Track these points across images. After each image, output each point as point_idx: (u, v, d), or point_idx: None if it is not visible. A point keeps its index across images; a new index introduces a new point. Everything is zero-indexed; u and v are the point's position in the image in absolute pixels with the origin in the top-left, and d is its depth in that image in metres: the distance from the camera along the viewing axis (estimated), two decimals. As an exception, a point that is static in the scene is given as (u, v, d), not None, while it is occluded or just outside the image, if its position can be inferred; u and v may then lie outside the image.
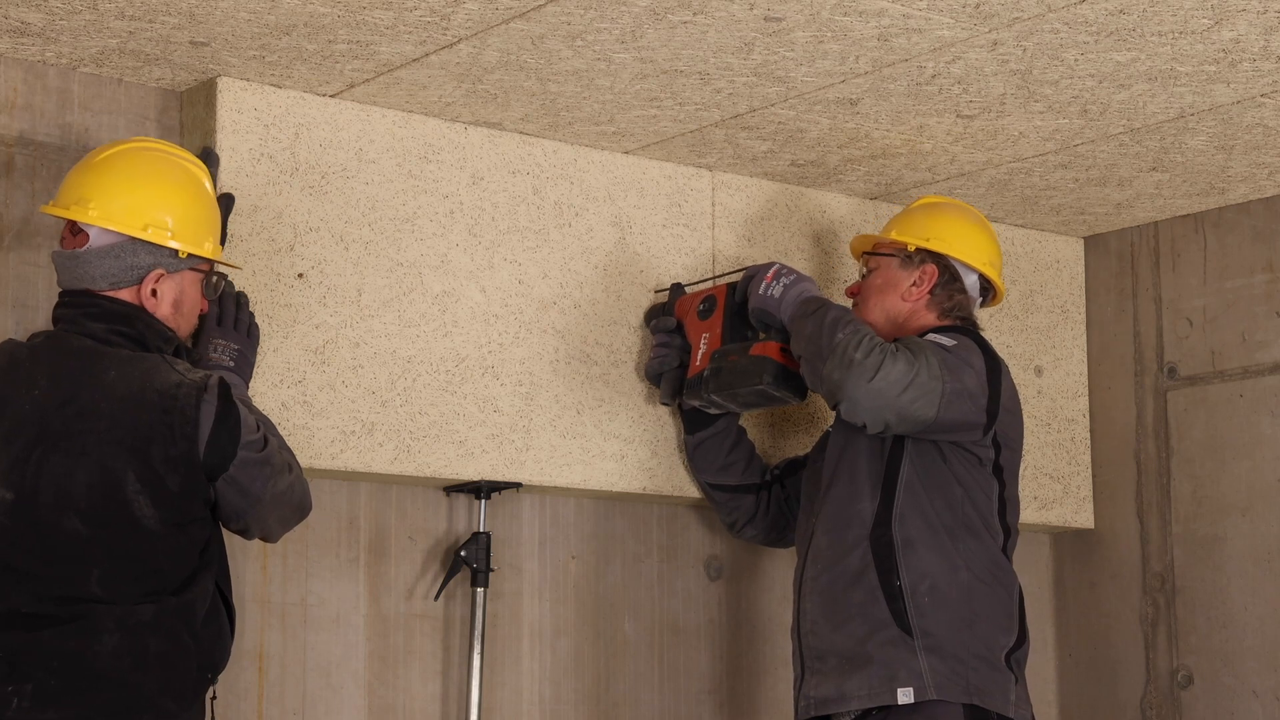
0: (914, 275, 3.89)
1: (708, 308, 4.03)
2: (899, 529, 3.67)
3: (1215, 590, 4.63)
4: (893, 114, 3.97)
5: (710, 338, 4.00)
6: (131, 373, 3.10)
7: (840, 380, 3.63)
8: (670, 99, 3.88)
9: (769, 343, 3.89)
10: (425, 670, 4.02)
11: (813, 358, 3.72)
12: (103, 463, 3.04)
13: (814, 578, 3.76)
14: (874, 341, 3.65)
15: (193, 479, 3.09)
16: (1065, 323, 4.88)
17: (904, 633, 3.62)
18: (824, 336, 3.69)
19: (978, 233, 3.97)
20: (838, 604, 3.69)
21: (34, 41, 3.57)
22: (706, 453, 4.12)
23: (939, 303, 3.89)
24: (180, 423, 3.07)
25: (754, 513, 4.16)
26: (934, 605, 3.63)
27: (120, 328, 3.16)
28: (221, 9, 3.41)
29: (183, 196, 3.23)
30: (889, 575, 3.65)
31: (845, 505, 3.75)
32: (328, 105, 3.87)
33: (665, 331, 4.08)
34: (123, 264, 3.18)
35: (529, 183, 4.10)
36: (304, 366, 3.77)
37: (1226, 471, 4.64)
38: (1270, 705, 4.50)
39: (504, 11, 3.41)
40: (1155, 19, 3.44)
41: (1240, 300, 4.65)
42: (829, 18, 3.44)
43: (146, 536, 3.06)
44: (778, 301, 3.89)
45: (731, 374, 3.91)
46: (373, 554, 3.98)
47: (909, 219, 3.99)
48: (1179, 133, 4.09)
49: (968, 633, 3.64)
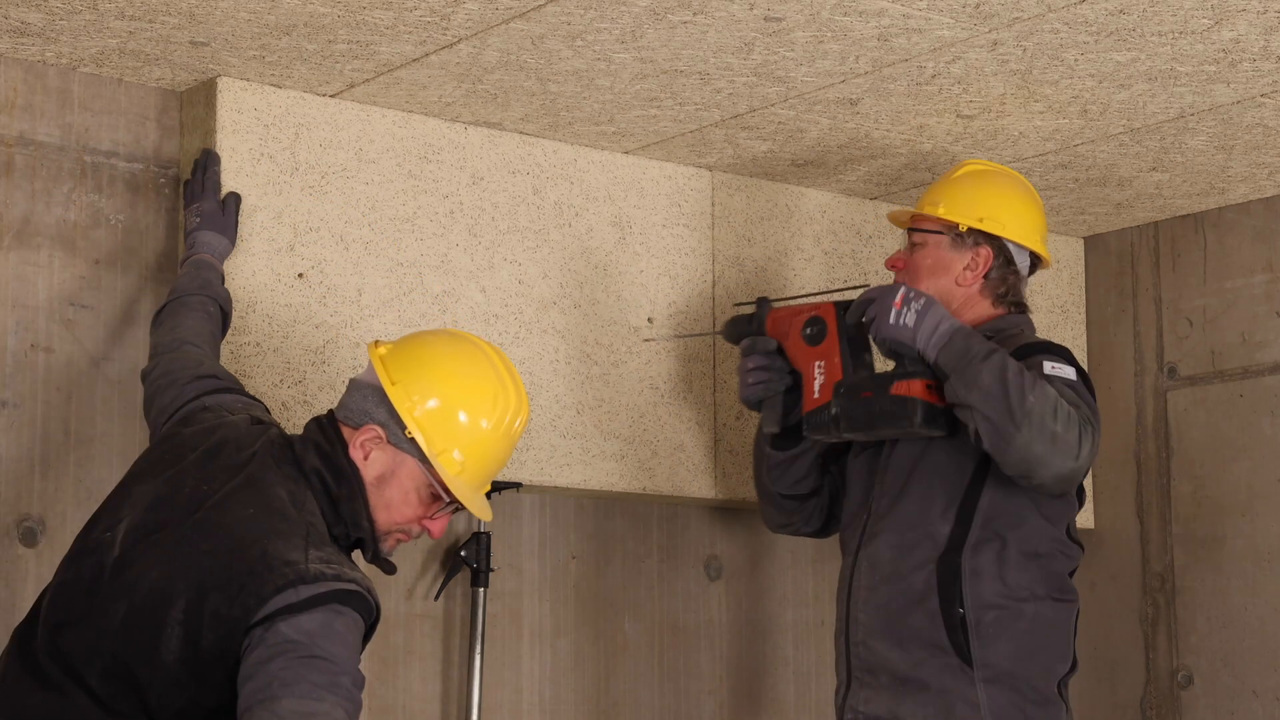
0: (967, 258, 3.69)
1: (816, 332, 3.71)
2: (970, 559, 3.52)
3: (1215, 590, 4.63)
4: (893, 114, 3.97)
5: (827, 367, 3.68)
6: (263, 523, 2.83)
7: (1044, 456, 3.38)
8: (670, 99, 3.89)
9: (913, 381, 3.53)
10: (425, 670, 4.02)
11: (999, 419, 3.40)
12: (172, 574, 2.81)
13: (870, 588, 3.60)
14: (1065, 407, 3.40)
15: (228, 644, 2.75)
16: (1065, 323, 4.88)
17: (964, 663, 3.49)
18: (1011, 396, 3.39)
19: (1030, 207, 3.76)
20: (895, 622, 3.55)
21: (34, 41, 3.58)
22: (792, 469, 3.86)
23: (993, 287, 3.70)
24: (252, 591, 2.74)
25: (813, 512, 3.93)
26: (997, 636, 3.50)
27: (329, 477, 2.93)
28: (221, 9, 3.41)
29: (458, 399, 2.98)
30: (951, 604, 3.51)
31: (916, 522, 3.57)
32: (328, 105, 3.87)
33: (764, 353, 3.78)
34: (359, 405, 2.97)
35: (529, 183, 4.10)
36: (304, 366, 3.77)
37: (1226, 471, 4.64)
38: (1270, 705, 4.50)
39: (504, 11, 3.41)
40: (1155, 19, 3.44)
41: (1240, 300, 4.65)
42: (829, 18, 3.44)
43: (156, 662, 2.80)
44: (912, 332, 3.53)
45: (870, 415, 3.57)
46: (373, 554, 3.98)
47: (957, 192, 3.74)
48: (1179, 133, 4.09)
49: (1028, 664, 3.52)
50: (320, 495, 2.94)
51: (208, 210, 3.64)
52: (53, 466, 3.63)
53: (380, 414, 2.96)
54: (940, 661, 3.50)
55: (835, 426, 3.64)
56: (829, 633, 4.56)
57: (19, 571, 3.56)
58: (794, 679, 4.51)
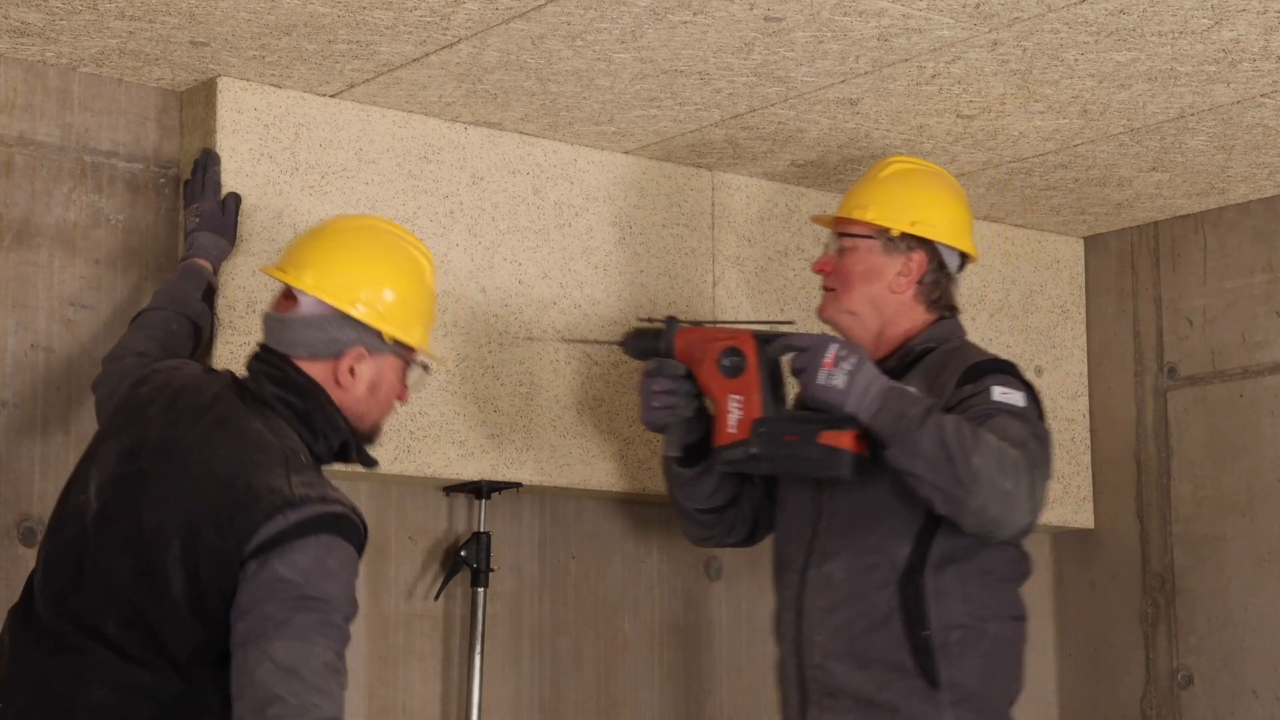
0: (899, 263, 3.60)
1: (734, 365, 3.60)
2: (932, 579, 3.45)
3: (1215, 590, 4.63)
4: (893, 114, 3.97)
5: (745, 404, 3.57)
6: (242, 458, 2.95)
7: (1001, 517, 3.31)
8: (670, 99, 3.88)
9: (842, 433, 3.45)
10: (425, 670, 4.02)
11: (947, 486, 3.31)
12: (163, 521, 2.93)
13: (826, 609, 3.52)
14: (1009, 457, 3.31)
15: (224, 578, 2.86)
16: (1065, 323, 4.89)
17: (929, 685, 3.42)
18: (956, 462, 3.30)
19: (959, 206, 3.68)
20: (857, 646, 3.47)
21: (34, 41, 3.58)
22: (700, 484, 3.77)
23: (927, 293, 3.62)
24: (242, 522, 2.86)
25: (733, 524, 3.84)
26: (962, 656, 3.43)
27: (290, 397, 3.05)
28: (221, 9, 3.41)
29: (401, 281, 3.14)
30: (916, 626, 3.43)
31: (874, 543, 3.49)
32: (328, 105, 3.87)
33: (671, 377, 3.67)
34: (325, 336, 3.09)
35: (529, 183, 4.10)
36: (304, 366, 3.77)
37: (1226, 471, 4.64)
38: (1270, 705, 4.50)
39: (504, 11, 3.41)
40: (1155, 19, 3.44)
41: (1240, 300, 4.65)
42: (829, 18, 3.44)
43: (166, 605, 2.90)
44: (843, 393, 3.42)
45: (794, 459, 3.51)
46: (373, 554, 3.98)
47: (885, 195, 3.64)
48: (1179, 133, 4.09)
49: (991, 684, 3.47)
50: (290, 418, 3.05)
51: (207, 211, 3.65)
52: (52, 466, 3.63)
53: (350, 335, 3.09)
54: (906, 684, 3.43)
55: (754, 464, 3.56)
56: (829, 633, 4.56)
57: (19, 571, 3.56)
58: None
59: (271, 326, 3.13)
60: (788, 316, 4.34)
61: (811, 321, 3.91)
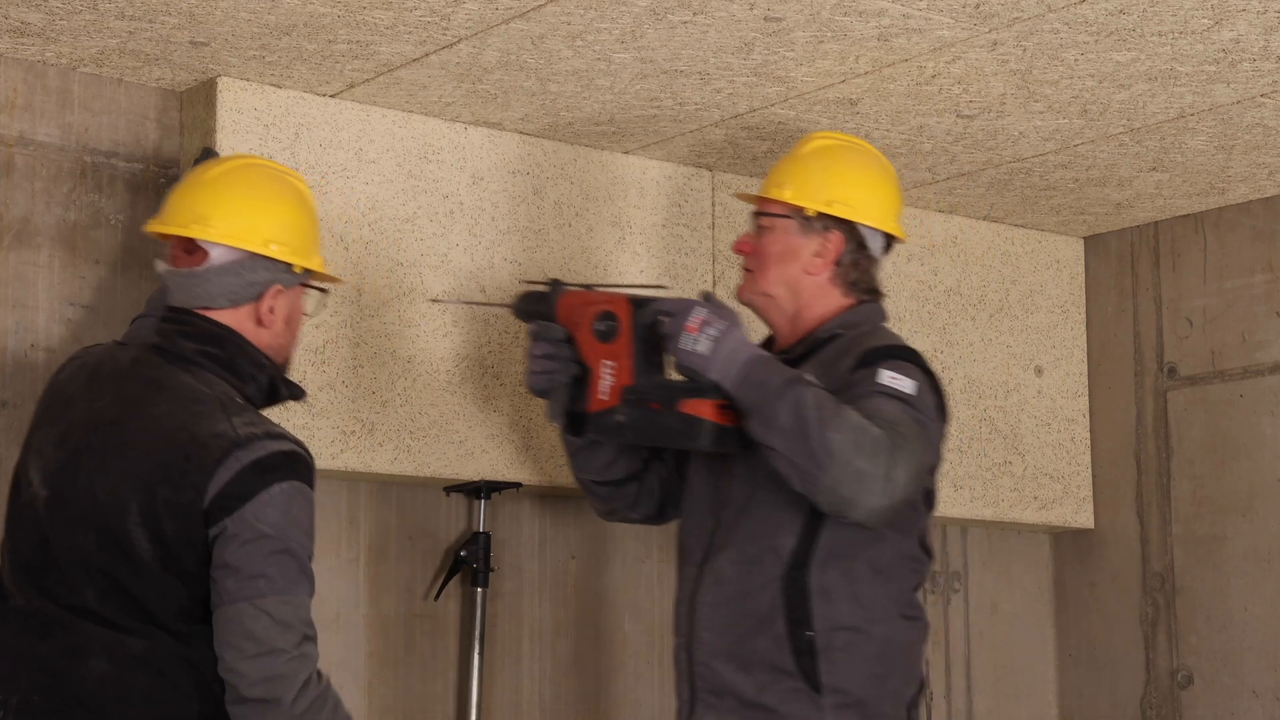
0: (815, 244, 3.46)
1: (608, 329, 3.49)
2: (817, 575, 3.31)
3: (1215, 590, 4.63)
4: (893, 114, 3.97)
5: (617, 370, 3.47)
6: (180, 412, 3.01)
7: (853, 497, 3.18)
8: (670, 99, 3.88)
9: (704, 401, 3.33)
10: (425, 670, 4.02)
11: (801, 460, 3.20)
12: (117, 486, 2.99)
13: (713, 605, 3.39)
14: (870, 436, 3.18)
15: (190, 530, 2.95)
16: (1065, 323, 4.89)
17: (811, 689, 3.29)
18: (811, 436, 3.18)
19: (882, 185, 3.53)
20: (741, 646, 3.34)
21: (34, 41, 3.58)
22: (593, 454, 3.65)
23: (845, 275, 3.47)
24: (195, 470, 2.95)
25: (635, 499, 3.69)
26: (847, 662, 3.30)
27: (210, 349, 3.10)
28: (221, 9, 3.41)
29: (297, 212, 3.20)
30: (799, 625, 3.30)
31: (760, 536, 3.35)
32: (328, 105, 3.87)
33: (551, 341, 3.55)
34: (243, 280, 3.13)
35: (529, 183, 4.10)
36: (304, 366, 3.77)
37: (1226, 471, 4.64)
38: (1270, 705, 4.50)
39: (504, 11, 3.41)
40: (1155, 19, 3.44)
41: (1240, 300, 4.65)
42: (829, 18, 3.44)
43: (138, 568, 2.97)
44: (706, 360, 3.30)
45: (655, 428, 3.40)
46: (373, 554, 3.98)
47: (804, 173, 3.50)
48: (1179, 133, 4.09)
49: (878, 688, 3.33)
50: (215, 369, 3.10)
51: None
52: (53, 466, 3.63)
53: (266, 274, 3.14)
54: (786, 686, 3.30)
55: (620, 433, 3.47)
56: (829, 633, 4.56)
57: (19, 571, 3.57)
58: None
59: (181, 284, 3.14)
60: None
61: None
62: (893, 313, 4.58)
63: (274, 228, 3.15)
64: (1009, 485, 4.70)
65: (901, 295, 4.59)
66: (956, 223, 4.72)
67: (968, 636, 4.80)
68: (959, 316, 4.69)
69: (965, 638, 4.80)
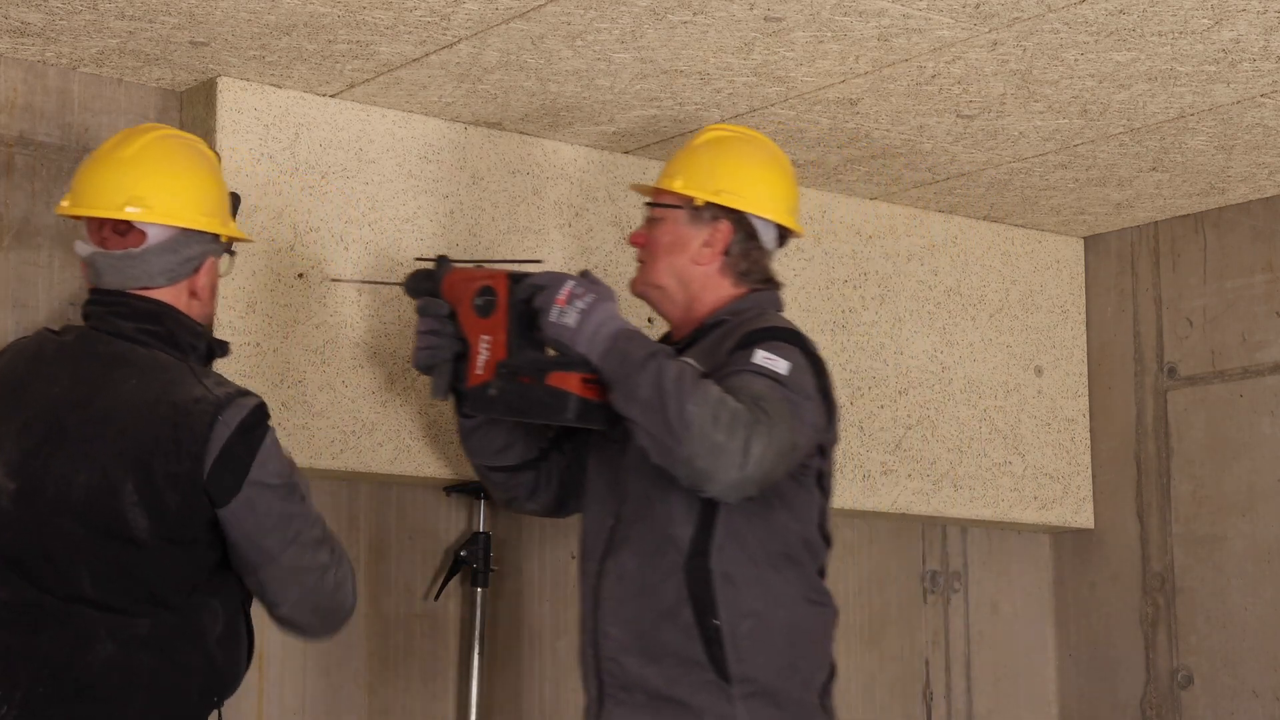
0: (704, 234, 3.44)
1: (486, 304, 3.49)
2: (718, 561, 3.28)
3: (1215, 590, 4.63)
4: (893, 114, 3.97)
5: (493, 344, 3.48)
6: (152, 382, 3.05)
7: (708, 470, 3.14)
8: (670, 99, 3.88)
9: (568, 374, 3.35)
10: (425, 670, 4.02)
11: (659, 433, 3.19)
12: (105, 468, 3.00)
13: (618, 600, 3.36)
14: (729, 410, 3.15)
15: (193, 499, 3.01)
16: (1065, 323, 4.89)
17: (720, 678, 3.26)
18: (669, 408, 3.17)
19: (773, 177, 3.50)
20: (648, 638, 3.32)
21: (34, 41, 3.58)
22: (484, 437, 3.63)
23: (735, 265, 3.44)
24: (188, 439, 3.00)
25: (534, 488, 3.67)
26: (753, 649, 3.27)
27: (148, 326, 3.12)
28: (221, 9, 3.41)
29: (214, 181, 3.23)
30: (705, 614, 3.27)
31: (658, 527, 3.33)
32: (328, 105, 3.87)
33: (435, 317, 3.55)
34: (180, 257, 3.14)
35: (529, 183, 4.10)
36: (304, 366, 3.77)
37: (1226, 471, 4.64)
38: (1270, 705, 4.50)
39: (504, 11, 3.41)
40: (1155, 19, 3.44)
41: (1240, 300, 4.65)
42: (829, 18, 3.44)
43: (137, 547, 3.00)
44: (573, 332, 3.32)
45: (524, 401, 3.42)
46: (373, 554, 3.98)
47: (694, 164, 3.49)
48: (1179, 133, 4.09)
49: (789, 675, 3.31)
50: (156, 345, 3.11)
51: None
52: (53, 466, 3.63)
53: (199, 248, 3.17)
54: (696, 678, 3.28)
55: (493, 407, 3.47)
56: (829, 633, 4.56)
57: (19, 571, 3.56)
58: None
59: (115, 266, 3.13)
60: None
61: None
62: (892, 313, 4.59)
63: (202, 201, 3.17)
64: (1009, 485, 4.70)
65: (901, 295, 4.59)
66: (956, 223, 4.72)
67: (968, 636, 4.80)
68: (959, 316, 4.69)
69: (965, 638, 4.80)
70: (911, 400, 4.57)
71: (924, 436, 4.57)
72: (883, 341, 4.55)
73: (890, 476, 4.51)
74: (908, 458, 4.54)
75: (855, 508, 4.46)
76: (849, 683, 4.59)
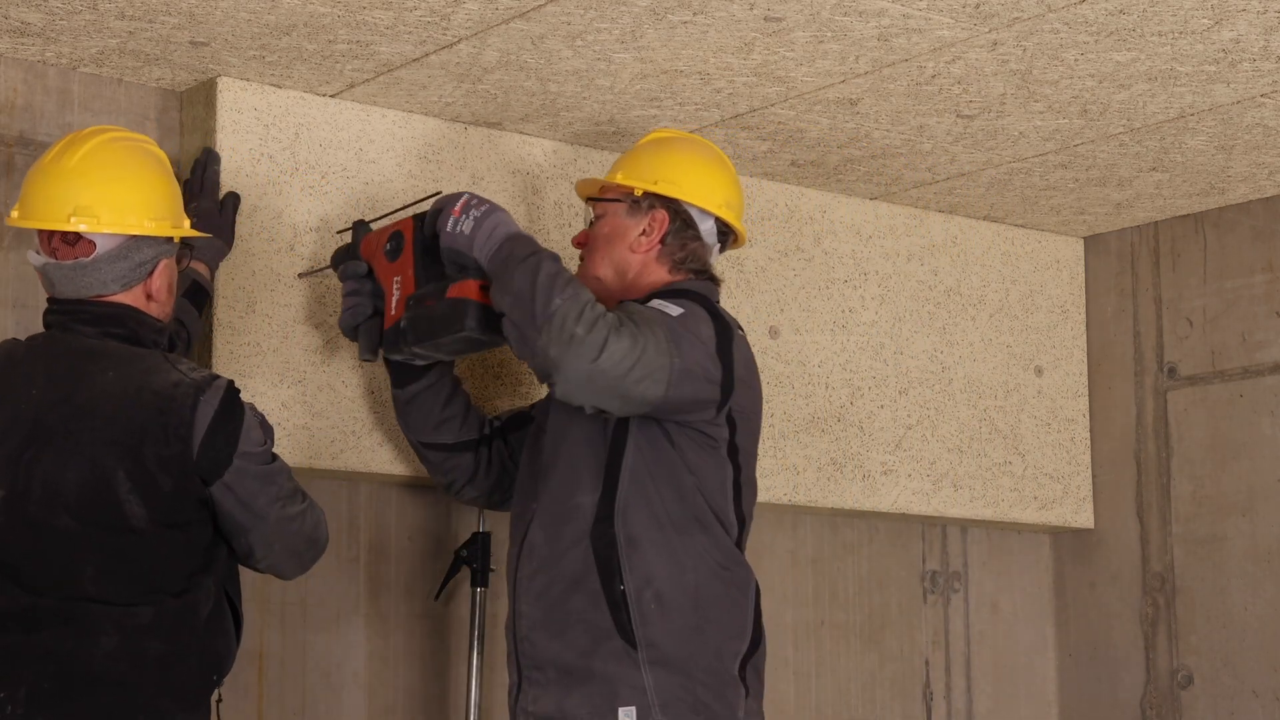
0: (642, 223, 3.50)
1: (395, 246, 3.54)
2: (622, 525, 3.29)
3: (1215, 590, 4.63)
4: (893, 114, 3.97)
5: (403, 281, 3.53)
6: (130, 372, 3.08)
7: (558, 359, 3.18)
8: (670, 99, 3.88)
9: (467, 282, 3.41)
10: (425, 670, 4.02)
11: (523, 323, 3.25)
12: (95, 461, 3.03)
13: (529, 576, 3.38)
14: (596, 311, 3.21)
15: (186, 481, 3.07)
16: (1065, 323, 4.89)
17: (628, 645, 3.26)
18: (538, 299, 3.22)
19: (712, 171, 3.56)
20: (556, 610, 3.32)
21: (34, 41, 3.58)
22: (418, 409, 3.65)
23: (671, 253, 3.49)
24: (175, 423, 3.04)
25: (473, 472, 3.71)
26: (659, 613, 3.27)
27: (112, 329, 3.14)
28: (221, 9, 3.41)
29: (161, 181, 3.22)
30: (611, 579, 3.28)
31: (564, 497, 3.36)
32: (328, 105, 3.87)
33: (355, 278, 3.61)
34: (132, 263, 3.15)
35: (529, 183, 4.10)
36: (304, 366, 3.77)
37: (1226, 471, 4.64)
38: (1270, 705, 4.50)
39: (504, 11, 3.41)
40: (1155, 19, 3.44)
41: (1240, 300, 4.65)
42: (829, 18, 3.44)
43: (138, 537, 3.03)
44: (469, 239, 3.37)
45: (430, 321, 3.45)
46: (373, 554, 3.98)
47: (636, 159, 3.57)
48: (1179, 133, 4.09)
49: (696, 642, 3.29)
50: (126, 341, 3.14)
51: (204, 210, 3.65)
52: (53, 466, 3.63)
53: (150, 252, 3.17)
54: (605, 647, 3.27)
55: (404, 340, 3.51)
56: (829, 632, 4.56)
57: (19, 571, 3.56)
58: (794, 679, 4.51)
59: (68, 276, 3.14)
60: None
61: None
62: (892, 313, 4.59)
63: (151, 204, 3.17)
64: (1009, 485, 4.70)
65: (901, 295, 4.59)
66: (956, 223, 4.72)
67: (968, 636, 4.80)
68: (959, 316, 4.69)
69: (965, 638, 4.80)
70: (911, 400, 4.57)
71: (924, 436, 4.58)
72: (883, 341, 4.55)
73: (890, 476, 4.51)
74: (908, 458, 4.54)
75: (855, 508, 4.46)
76: (849, 683, 4.59)
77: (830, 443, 4.43)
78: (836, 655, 4.59)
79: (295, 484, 3.24)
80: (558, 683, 3.33)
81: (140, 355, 3.12)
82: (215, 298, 3.68)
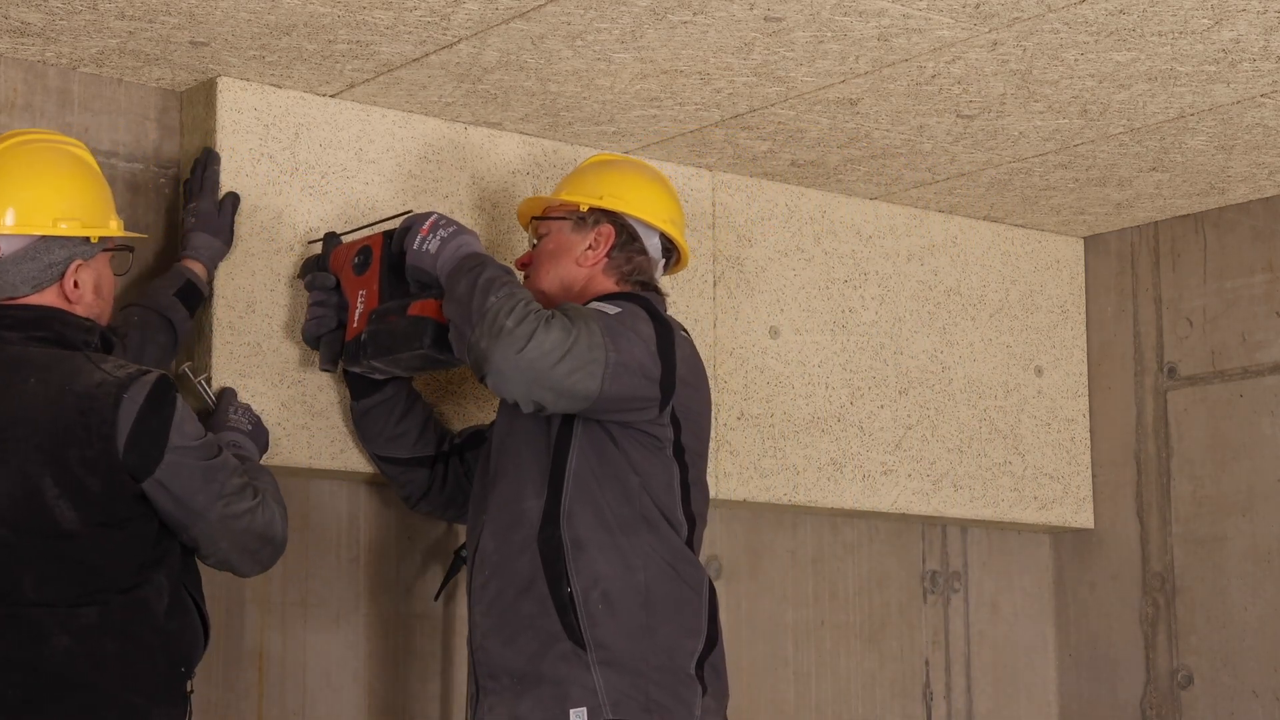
0: (589, 238, 3.53)
1: (363, 261, 3.61)
2: (568, 528, 3.30)
3: (1215, 590, 4.63)
4: (893, 114, 3.97)
5: (367, 295, 3.59)
6: (51, 377, 3.05)
7: (487, 350, 3.23)
8: (670, 99, 3.89)
9: (427, 300, 3.48)
10: (425, 670, 4.02)
11: (461, 322, 3.32)
12: (22, 470, 3.01)
13: (482, 585, 3.39)
14: (530, 307, 3.26)
15: (116, 479, 3.03)
16: (1065, 323, 4.89)
17: (577, 646, 3.25)
18: (475, 299, 3.29)
19: (656, 189, 3.61)
20: (507, 616, 3.33)
21: (34, 41, 3.58)
22: (374, 422, 3.71)
23: (617, 266, 3.52)
24: (97, 423, 3.01)
25: (427, 488, 3.77)
26: (608, 613, 3.27)
27: (36, 333, 3.11)
28: (221, 9, 3.41)
29: (78, 182, 3.19)
30: (559, 582, 3.28)
31: (511, 503, 3.37)
32: (328, 105, 3.87)
33: (322, 289, 3.66)
34: (40, 264, 3.13)
35: (529, 183, 4.10)
36: (304, 366, 3.77)
37: (1226, 471, 4.64)
38: (1270, 705, 4.50)
39: (504, 11, 3.41)
40: (1155, 19, 3.44)
41: (1240, 300, 4.65)
42: (829, 18, 3.44)
43: (72, 540, 3.01)
44: (433, 257, 3.44)
45: (390, 337, 3.52)
46: (373, 554, 3.98)
47: (580, 178, 3.62)
48: (1179, 133, 4.09)
49: (647, 642, 3.28)
50: (51, 344, 3.11)
51: (203, 210, 3.65)
52: (53, 466, 3.63)
53: (62, 253, 3.13)
54: (554, 650, 3.27)
55: (364, 353, 3.57)
56: (829, 632, 4.57)
57: (19, 571, 3.56)
58: (794, 679, 4.51)
59: None
60: None
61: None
62: (892, 312, 4.59)
63: (61, 204, 3.14)
64: (1009, 485, 4.70)
65: (901, 295, 4.59)
66: (956, 223, 4.72)
67: (968, 636, 4.80)
68: (959, 316, 4.69)
69: (965, 638, 4.80)
70: (911, 400, 4.57)
71: (924, 436, 4.58)
72: (883, 341, 4.55)
73: (890, 476, 4.51)
74: (908, 458, 4.54)
75: (855, 508, 4.46)
76: (849, 683, 4.59)
77: (830, 443, 4.43)
78: (836, 655, 4.59)
79: (244, 480, 3.18)
80: (510, 690, 3.33)
81: (64, 358, 3.08)
82: (215, 298, 3.68)
